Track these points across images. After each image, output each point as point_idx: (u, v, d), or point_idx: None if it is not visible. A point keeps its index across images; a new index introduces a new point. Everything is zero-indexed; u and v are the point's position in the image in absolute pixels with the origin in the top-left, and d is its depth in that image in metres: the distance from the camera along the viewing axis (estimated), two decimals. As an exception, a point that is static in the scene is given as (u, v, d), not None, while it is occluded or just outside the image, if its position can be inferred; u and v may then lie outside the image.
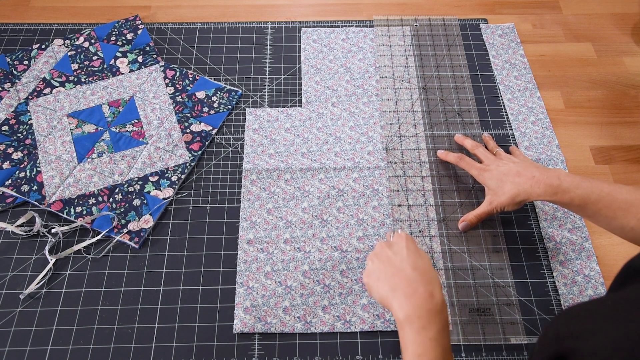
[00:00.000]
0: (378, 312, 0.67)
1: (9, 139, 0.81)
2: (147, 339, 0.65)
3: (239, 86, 0.89)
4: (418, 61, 0.93)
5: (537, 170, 0.65)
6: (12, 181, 0.76)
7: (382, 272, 0.55)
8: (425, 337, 0.49)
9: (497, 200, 0.68)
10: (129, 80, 0.88)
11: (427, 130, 0.84)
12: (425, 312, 0.50)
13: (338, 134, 0.83)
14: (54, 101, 0.85)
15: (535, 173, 0.64)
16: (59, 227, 0.72)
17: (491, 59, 0.93)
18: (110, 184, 0.76)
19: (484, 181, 0.71)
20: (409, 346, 0.50)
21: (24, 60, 0.90)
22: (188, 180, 0.79)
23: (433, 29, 0.97)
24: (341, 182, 0.78)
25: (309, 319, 0.67)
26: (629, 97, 0.90)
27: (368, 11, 1.01)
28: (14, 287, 0.69)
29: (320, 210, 0.75)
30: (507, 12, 1.02)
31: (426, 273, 0.54)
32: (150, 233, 0.73)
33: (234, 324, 0.66)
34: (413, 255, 0.55)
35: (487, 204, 0.69)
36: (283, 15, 1.00)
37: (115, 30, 0.95)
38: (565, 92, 0.90)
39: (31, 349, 0.64)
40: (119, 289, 0.69)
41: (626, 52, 0.96)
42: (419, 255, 0.56)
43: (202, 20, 0.98)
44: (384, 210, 0.75)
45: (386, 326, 0.66)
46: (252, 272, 0.70)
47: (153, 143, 0.81)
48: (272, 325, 0.66)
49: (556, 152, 0.81)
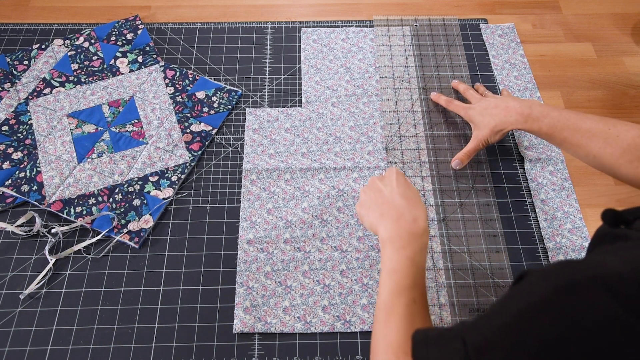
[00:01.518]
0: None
1: (9, 139, 0.81)
2: (147, 339, 0.65)
3: (239, 86, 0.89)
4: (418, 61, 0.93)
5: (512, 101, 0.71)
6: (12, 181, 0.76)
7: (372, 202, 0.60)
8: (402, 255, 0.53)
9: (481, 134, 0.74)
10: (129, 80, 0.88)
11: (427, 130, 0.84)
12: (407, 234, 0.54)
13: (338, 134, 0.83)
14: (54, 101, 0.85)
15: (510, 103, 0.70)
16: (59, 227, 0.72)
17: (491, 59, 0.93)
18: (110, 184, 0.76)
19: (470, 118, 0.77)
20: (387, 262, 0.54)
21: (24, 60, 0.90)
22: (188, 180, 0.79)
23: (433, 29, 0.97)
24: (341, 182, 0.78)
25: (308, 319, 0.67)
26: (629, 97, 0.90)
27: (368, 11, 1.01)
28: (14, 287, 0.69)
29: (320, 210, 0.75)
30: (507, 12, 1.02)
31: (413, 202, 0.58)
32: (150, 233, 0.73)
33: (234, 324, 0.66)
34: (402, 187, 0.59)
35: (473, 139, 0.76)
36: (283, 15, 1.00)
37: (115, 30, 0.95)
38: (565, 92, 0.90)
39: (31, 349, 0.64)
40: (119, 289, 0.69)
41: (626, 52, 0.96)
42: (407, 187, 0.60)
43: (202, 20, 0.98)
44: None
45: (386, 326, 0.66)
46: (252, 272, 0.70)
47: (153, 143, 0.81)
48: (272, 325, 0.66)
49: (556, 152, 0.81)
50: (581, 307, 0.30)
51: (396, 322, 0.49)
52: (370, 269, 0.70)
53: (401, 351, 0.47)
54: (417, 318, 0.50)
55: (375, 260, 0.70)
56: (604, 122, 0.62)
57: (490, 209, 0.76)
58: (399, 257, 0.53)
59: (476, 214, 0.76)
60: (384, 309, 0.51)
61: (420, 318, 0.50)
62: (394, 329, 0.49)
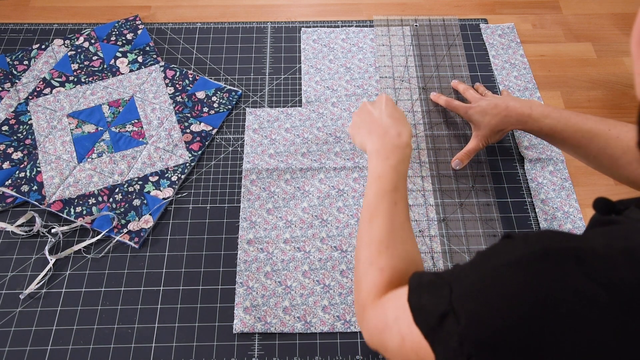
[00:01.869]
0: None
1: (9, 139, 0.81)
2: (147, 339, 0.65)
3: (239, 86, 0.89)
4: (418, 61, 0.93)
5: (512, 101, 0.71)
6: (12, 181, 0.76)
7: (362, 122, 0.66)
8: (386, 164, 0.59)
9: (481, 133, 0.75)
10: (129, 80, 0.88)
11: (427, 130, 0.84)
12: (391, 146, 0.60)
13: (338, 134, 0.83)
14: (54, 101, 0.85)
15: (510, 103, 0.71)
16: (59, 227, 0.72)
17: (491, 59, 0.93)
18: (110, 184, 0.76)
19: (470, 117, 0.77)
20: (373, 170, 0.59)
21: (24, 60, 0.90)
22: (188, 180, 0.79)
23: (433, 29, 0.97)
24: (341, 182, 0.78)
25: (308, 319, 0.67)
26: (629, 97, 0.90)
27: (368, 11, 1.01)
28: (14, 287, 0.69)
29: (320, 210, 0.75)
30: (507, 12, 1.02)
31: (398, 120, 0.63)
32: (150, 233, 0.73)
33: (234, 324, 0.66)
34: (390, 109, 0.65)
35: (473, 139, 0.76)
36: (283, 15, 1.00)
37: (115, 30, 0.95)
38: (565, 92, 0.90)
39: (31, 349, 0.64)
40: (119, 289, 0.69)
41: (626, 52, 0.96)
42: (394, 109, 0.66)
43: (202, 20, 0.98)
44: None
45: (386, 326, 0.66)
46: (252, 272, 0.70)
47: (153, 143, 0.81)
48: (272, 325, 0.66)
49: (556, 152, 0.81)
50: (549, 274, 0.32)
51: (378, 221, 0.55)
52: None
53: (382, 245, 0.53)
54: (397, 218, 0.55)
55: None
56: (604, 123, 0.62)
57: (490, 209, 0.76)
58: (384, 165, 0.59)
59: (476, 214, 0.76)
60: (368, 210, 0.57)
61: (400, 218, 0.55)
62: (376, 226, 0.54)
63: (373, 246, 0.53)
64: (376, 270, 0.52)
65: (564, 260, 0.32)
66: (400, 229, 0.55)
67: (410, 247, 0.54)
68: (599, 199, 0.41)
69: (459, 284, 0.38)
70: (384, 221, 0.55)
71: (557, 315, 0.30)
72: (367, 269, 0.52)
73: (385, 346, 0.46)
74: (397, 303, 0.44)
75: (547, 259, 0.33)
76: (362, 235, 0.55)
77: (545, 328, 0.30)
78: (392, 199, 0.56)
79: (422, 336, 0.39)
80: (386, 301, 0.48)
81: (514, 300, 0.32)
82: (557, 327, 0.30)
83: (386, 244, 0.53)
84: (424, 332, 0.39)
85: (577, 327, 0.30)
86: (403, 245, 0.54)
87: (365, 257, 0.53)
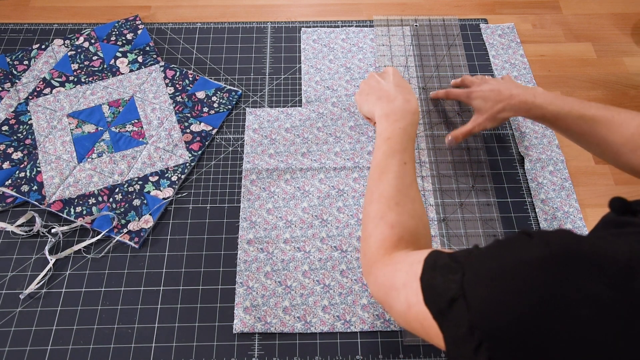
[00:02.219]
0: (378, 312, 0.67)
1: (9, 139, 0.81)
2: (147, 339, 0.65)
3: (239, 86, 0.89)
4: (418, 61, 0.93)
5: (516, 88, 0.71)
6: (12, 181, 0.76)
7: (371, 89, 0.68)
8: (396, 127, 0.60)
9: (481, 117, 0.74)
10: (129, 80, 0.88)
11: (427, 130, 0.84)
12: (400, 111, 0.62)
13: (338, 134, 0.83)
14: (54, 101, 0.85)
15: (514, 90, 0.70)
16: (59, 227, 0.72)
17: (491, 59, 0.93)
18: (110, 184, 0.76)
19: (471, 102, 0.76)
20: (382, 132, 0.61)
21: (24, 60, 0.90)
22: (188, 180, 0.79)
23: (433, 29, 0.97)
24: (341, 182, 0.78)
25: (308, 319, 0.67)
26: (629, 97, 0.90)
27: (368, 11, 1.01)
28: (14, 287, 0.69)
29: (320, 210, 0.75)
30: (507, 12, 1.02)
31: (406, 89, 0.66)
32: (150, 233, 0.73)
33: (234, 324, 0.66)
34: (396, 79, 0.68)
35: (472, 121, 0.75)
36: (283, 15, 1.00)
37: (115, 30, 0.95)
38: (565, 92, 0.90)
39: (31, 349, 0.64)
40: (119, 289, 0.69)
41: (626, 52, 0.96)
42: (402, 79, 0.68)
43: (202, 20, 0.98)
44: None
45: (386, 326, 0.66)
46: (252, 272, 0.70)
47: (153, 143, 0.81)
48: (272, 325, 0.66)
49: (556, 152, 0.81)
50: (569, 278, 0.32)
51: (388, 178, 0.56)
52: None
53: (392, 201, 0.54)
54: (406, 177, 0.56)
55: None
56: (608, 110, 0.62)
57: (491, 209, 0.76)
58: (393, 128, 0.60)
59: (476, 214, 0.76)
60: (378, 168, 0.58)
61: (409, 177, 0.57)
62: (386, 183, 0.56)
63: (383, 201, 0.54)
64: (386, 226, 0.52)
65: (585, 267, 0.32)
66: (410, 187, 0.56)
67: (419, 205, 0.55)
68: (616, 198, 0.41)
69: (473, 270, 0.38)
70: (394, 178, 0.56)
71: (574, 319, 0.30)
72: (378, 223, 0.53)
73: (390, 305, 0.46)
74: (408, 269, 0.44)
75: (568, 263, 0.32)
76: (372, 191, 0.56)
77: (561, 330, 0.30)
78: (402, 158, 0.57)
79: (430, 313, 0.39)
80: (397, 262, 0.48)
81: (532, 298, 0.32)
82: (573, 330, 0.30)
83: (396, 200, 0.54)
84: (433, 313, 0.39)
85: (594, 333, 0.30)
86: (412, 203, 0.54)
87: (376, 212, 0.54)
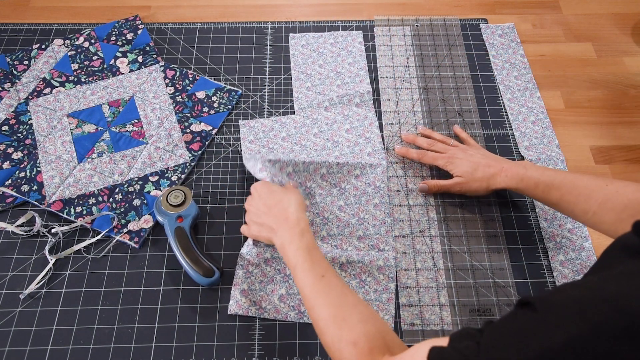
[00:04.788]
0: (376, 310, 0.67)
1: (9, 139, 0.81)
2: (147, 339, 0.65)
3: (239, 86, 0.89)
4: (419, 61, 0.93)
5: (505, 162, 0.72)
6: (12, 181, 0.76)
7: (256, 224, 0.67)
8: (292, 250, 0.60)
9: (467, 185, 0.73)
10: (129, 80, 0.88)
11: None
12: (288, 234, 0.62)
13: (335, 139, 0.82)
14: (54, 101, 0.85)
15: (505, 165, 0.71)
16: (59, 227, 0.72)
17: (491, 59, 0.93)
18: (110, 184, 0.76)
19: (453, 169, 0.74)
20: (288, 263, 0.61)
21: (24, 60, 0.90)
22: (188, 180, 0.78)
23: (434, 29, 0.97)
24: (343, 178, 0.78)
25: (302, 309, 0.67)
26: (629, 97, 0.90)
27: (368, 11, 1.01)
28: (14, 287, 0.69)
29: (322, 209, 0.75)
30: (507, 12, 1.02)
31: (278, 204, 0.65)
32: (150, 233, 0.73)
33: (229, 305, 0.67)
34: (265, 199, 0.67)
35: (454, 183, 0.74)
36: (283, 15, 1.00)
37: (115, 30, 0.95)
38: (565, 92, 0.90)
39: (31, 349, 0.64)
40: (119, 289, 0.69)
41: (626, 52, 0.96)
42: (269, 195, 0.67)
43: (202, 20, 0.98)
44: (385, 209, 0.75)
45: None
46: (253, 257, 0.70)
47: (153, 143, 0.80)
48: (266, 310, 0.67)
49: (556, 152, 0.81)
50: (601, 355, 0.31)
51: (320, 303, 0.55)
52: (370, 264, 0.70)
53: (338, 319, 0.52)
54: (332, 288, 0.56)
55: (375, 257, 0.70)
56: (600, 180, 0.61)
57: (491, 209, 0.76)
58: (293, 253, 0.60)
59: (476, 213, 0.76)
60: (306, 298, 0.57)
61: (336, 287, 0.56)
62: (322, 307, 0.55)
63: (330, 324, 0.53)
64: (350, 346, 0.50)
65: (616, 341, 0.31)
66: (342, 295, 0.55)
67: (363, 307, 0.54)
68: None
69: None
70: (324, 298, 0.55)
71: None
72: (340, 347, 0.51)
73: None
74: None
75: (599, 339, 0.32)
76: (316, 321, 0.55)
77: None
78: (317, 274, 0.57)
79: None
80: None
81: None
82: None
83: (341, 316, 0.53)
84: None
85: None
86: (355, 308, 0.53)
87: (331, 339, 0.52)
